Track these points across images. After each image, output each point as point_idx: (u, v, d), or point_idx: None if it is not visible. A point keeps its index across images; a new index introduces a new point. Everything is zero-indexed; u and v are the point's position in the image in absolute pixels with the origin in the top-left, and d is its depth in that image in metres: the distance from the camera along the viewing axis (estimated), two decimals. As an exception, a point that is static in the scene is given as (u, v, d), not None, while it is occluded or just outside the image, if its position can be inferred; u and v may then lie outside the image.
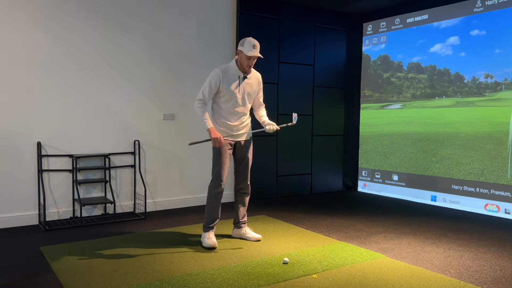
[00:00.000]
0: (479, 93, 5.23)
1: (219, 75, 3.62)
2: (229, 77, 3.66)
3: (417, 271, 3.20)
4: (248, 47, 3.58)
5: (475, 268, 3.28)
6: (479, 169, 5.17)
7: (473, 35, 5.24)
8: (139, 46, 4.99)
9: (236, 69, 3.69)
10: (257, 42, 3.64)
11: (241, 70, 3.70)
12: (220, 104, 3.71)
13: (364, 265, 3.31)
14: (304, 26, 6.20)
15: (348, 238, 4.06)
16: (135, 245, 3.76)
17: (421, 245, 3.86)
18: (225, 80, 3.64)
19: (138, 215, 4.88)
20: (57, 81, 4.53)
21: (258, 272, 3.15)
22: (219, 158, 3.71)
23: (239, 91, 3.69)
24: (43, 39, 4.43)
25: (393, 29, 6.18)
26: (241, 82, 3.70)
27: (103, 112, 4.82)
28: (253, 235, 3.97)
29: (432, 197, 5.69)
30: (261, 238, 3.98)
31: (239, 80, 3.69)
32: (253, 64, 3.69)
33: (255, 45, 3.60)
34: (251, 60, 3.63)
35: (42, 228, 4.28)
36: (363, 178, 6.63)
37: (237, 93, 3.68)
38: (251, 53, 3.58)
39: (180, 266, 3.25)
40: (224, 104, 3.69)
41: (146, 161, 5.12)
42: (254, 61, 3.68)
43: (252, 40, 3.62)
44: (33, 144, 4.44)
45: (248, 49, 3.58)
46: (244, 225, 4.01)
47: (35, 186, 4.47)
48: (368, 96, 6.62)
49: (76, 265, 3.25)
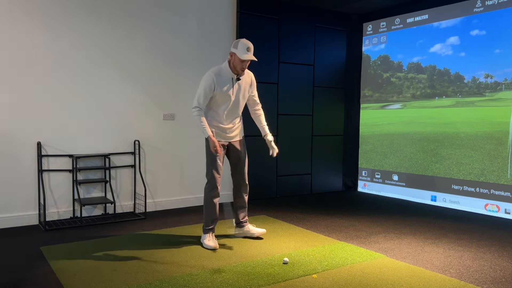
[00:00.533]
0: (479, 93, 5.23)
1: (213, 79, 3.52)
2: (222, 80, 3.56)
3: (417, 271, 3.20)
4: (242, 50, 3.47)
5: (475, 268, 3.28)
6: (479, 169, 5.17)
7: (473, 35, 5.24)
8: (140, 46, 4.99)
9: (229, 71, 3.58)
10: (251, 44, 3.53)
11: (234, 72, 3.59)
12: (213, 107, 3.66)
13: (364, 265, 3.31)
14: (304, 26, 6.20)
15: (348, 238, 4.06)
16: (135, 245, 3.76)
17: (421, 245, 3.86)
18: (219, 83, 3.55)
19: (138, 215, 4.88)
20: (57, 81, 4.53)
21: (258, 272, 3.15)
22: (213, 160, 3.68)
23: (232, 93, 3.61)
24: (43, 39, 4.43)
25: (393, 29, 6.18)
26: (234, 84, 3.62)
27: (103, 112, 4.82)
28: (256, 230, 3.98)
29: (432, 197, 5.68)
30: (265, 232, 4.00)
31: (233, 82, 3.61)
32: (246, 67, 3.58)
33: (249, 47, 3.49)
34: (244, 63, 3.52)
35: (42, 228, 4.28)
36: (363, 178, 6.63)
37: (231, 96, 3.61)
38: (245, 56, 3.47)
39: (180, 266, 3.25)
40: (218, 107, 3.64)
41: (146, 161, 5.12)
42: (248, 64, 3.58)
43: (246, 42, 3.51)
44: (33, 144, 4.44)
45: (242, 52, 3.47)
46: (246, 224, 4.01)
47: (35, 186, 4.47)
48: (368, 96, 6.61)
49: (76, 265, 3.25)
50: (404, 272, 3.17)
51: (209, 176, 3.72)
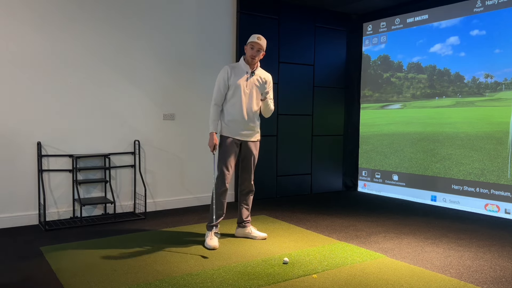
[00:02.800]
0: (479, 93, 5.23)
1: (227, 70, 3.75)
2: (237, 72, 3.77)
3: (417, 271, 3.20)
4: (252, 38, 3.72)
5: (475, 268, 3.28)
6: (479, 169, 5.17)
7: (473, 35, 5.24)
8: (139, 46, 4.99)
9: (244, 65, 3.79)
10: (262, 36, 3.75)
11: (248, 64, 3.80)
12: (228, 100, 3.77)
13: (364, 265, 3.31)
14: (304, 26, 6.20)
15: (348, 238, 4.06)
16: (135, 245, 3.76)
17: (421, 245, 3.86)
18: (233, 74, 3.75)
19: (138, 215, 4.88)
20: (57, 81, 4.53)
21: (258, 272, 3.15)
22: (224, 157, 3.77)
23: (246, 85, 3.76)
24: (43, 39, 4.43)
25: (393, 29, 6.18)
26: (249, 78, 3.78)
27: (103, 112, 4.82)
28: (258, 234, 3.99)
29: (432, 197, 5.68)
30: (266, 236, 4.01)
31: (248, 75, 3.78)
32: (257, 57, 3.74)
33: (260, 37, 3.73)
34: (254, 50, 3.71)
35: (42, 228, 4.28)
36: (363, 178, 6.63)
37: (244, 87, 3.75)
38: (253, 39, 3.69)
39: (180, 266, 3.25)
40: (231, 99, 3.75)
41: (146, 161, 5.12)
42: (259, 54, 3.73)
43: (258, 34, 3.76)
44: (33, 144, 4.44)
45: (252, 39, 3.71)
46: (249, 224, 4.02)
47: (35, 186, 4.47)
48: (368, 96, 6.61)
49: (76, 265, 3.25)
50: (404, 272, 3.17)
51: (218, 171, 3.80)
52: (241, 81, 3.74)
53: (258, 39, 3.69)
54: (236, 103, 3.74)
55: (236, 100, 3.74)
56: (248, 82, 3.76)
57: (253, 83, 3.78)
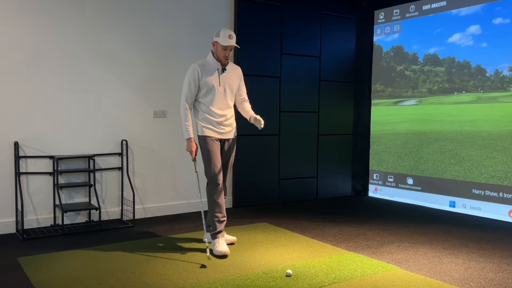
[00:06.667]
0: (503, 87, 5.24)
1: (197, 70, 3.80)
2: (207, 71, 3.84)
3: (434, 284, 3.20)
4: (223, 37, 3.76)
5: (498, 281, 3.28)
6: (502, 171, 5.18)
7: (496, 23, 5.25)
8: (127, 38, 5.00)
9: (214, 62, 3.86)
10: (233, 32, 3.83)
11: (218, 62, 3.86)
12: (200, 100, 3.87)
13: (375, 278, 3.32)
14: (309, 14, 6.21)
15: (357, 248, 4.07)
16: (123, 255, 3.76)
17: (438, 255, 3.87)
18: (204, 73, 3.81)
19: (125, 222, 4.88)
20: (36, 76, 4.54)
21: (259, 285, 3.15)
22: (211, 157, 3.84)
23: (219, 83, 3.86)
24: (22, 33, 4.43)
25: (408, 17, 6.19)
26: (220, 74, 3.87)
27: (87, 109, 4.82)
28: (227, 237, 4.09)
29: (450, 203, 5.70)
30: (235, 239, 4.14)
31: (218, 72, 3.87)
32: (229, 55, 3.86)
33: (231, 34, 3.79)
34: (227, 51, 3.81)
35: (20, 237, 4.28)
36: (374, 181, 6.64)
37: (217, 86, 3.84)
38: (227, 42, 3.75)
39: (172, 279, 3.26)
40: (205, 98, 3.85)
41: (134, 163, 5.12)
42: (231, 52, 3.85)
43: (228, 30, 3.81)
44: (9, 144, 4.44)
45: (224, 40, 3.76)
46: None
47: (12, 191, 4.47)
48: (379, 91, 6.63)
49: (58, 277, 3.25)
50: (419, 286, 3.17)
51: (208, 174, 3.86)
52: (213, 79, 3.83)
53: (230, 38, 3.76)
54: (211, 102, 3.85)
55: (211, 99, 3.85)
56: (220, 79, 3.86)
57: (225, 79, 3.89)
